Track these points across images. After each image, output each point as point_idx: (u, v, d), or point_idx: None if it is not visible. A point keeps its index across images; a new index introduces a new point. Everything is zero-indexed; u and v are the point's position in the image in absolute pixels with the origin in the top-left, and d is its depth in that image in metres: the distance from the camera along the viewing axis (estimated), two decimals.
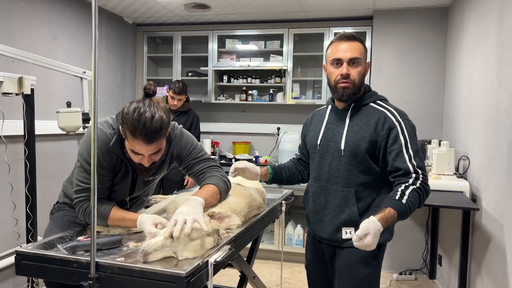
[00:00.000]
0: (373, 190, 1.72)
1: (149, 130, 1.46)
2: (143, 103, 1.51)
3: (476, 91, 2.74)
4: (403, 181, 1.62)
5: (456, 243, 2.94)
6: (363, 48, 1.73)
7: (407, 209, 1.55)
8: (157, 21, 4.52)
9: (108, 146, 1.60)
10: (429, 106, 3.79)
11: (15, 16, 3.00)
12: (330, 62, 1.73)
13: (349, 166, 1.71)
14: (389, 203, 1.56)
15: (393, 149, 1.64)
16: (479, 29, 2.75)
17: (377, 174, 1.71)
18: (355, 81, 1.70)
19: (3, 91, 2.39)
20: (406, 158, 1.62)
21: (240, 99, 4.48)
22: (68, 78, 3.36)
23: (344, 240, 1.73)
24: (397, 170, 1.63)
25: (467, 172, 2.89)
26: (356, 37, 1.72)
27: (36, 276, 2.44)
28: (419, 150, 1.67)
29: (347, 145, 1.70)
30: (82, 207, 1.63)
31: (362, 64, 1.71)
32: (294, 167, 2.02)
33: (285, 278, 3.63)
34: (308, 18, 4.21)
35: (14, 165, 2.79)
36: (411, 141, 1.65)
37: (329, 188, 1.76)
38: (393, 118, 1.67)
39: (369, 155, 1.68)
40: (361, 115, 1.72)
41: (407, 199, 1.56)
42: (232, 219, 1.52)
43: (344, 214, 1.72)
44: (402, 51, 3.86)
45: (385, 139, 1.66)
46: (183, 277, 1.20)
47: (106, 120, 1.68)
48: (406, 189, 1.58)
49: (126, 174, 1.70)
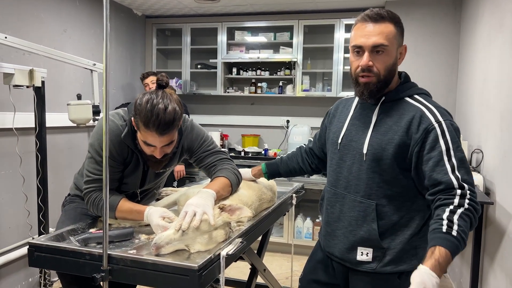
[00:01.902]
0: (400, 206, 1.40)
1: (162, 122, 1.46)
2: (156, 94, 1.50)
3: (491, 83, 2.69)
4: (446, 201, 1.26)
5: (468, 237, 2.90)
6: (395, 30, 1.35)
7: (460, 243, 1.21)
8: (166, 13, 4.50)
9: (119, 137, 1.60)
10: (442, 99, 3.73)
11: (26, 9, 3.00)
12: (351, 49, 1.40)
13: (371, 174, 1.40)
14: (437, 239, 1.21)
15: (430, 157, 1.30)
16: (495, 19, 2.68)
17: (407, 187, 1.39)
18: (379, 74, 1.36)
19: (14, 84, 2.40)
20: (448, 169, 1.28)
21: (250, 92, 4.46)
22: (78, 71, 3.36)
23: (358, 262, 1.44)
24: (436, 184, 1.29)
25: (480, 166, 2.84)
26: (384, 16, 1.35)
27: (48, 268, 2.47)
28: (465, 160, 1.32)
29: (370, 147, 1.39)
30: (91, 198, 1.63)
31: (390, 52, 1.35)
32: (296, 159, 1.80)
33: (294, 271, 3.63)
34: (319, 9, 4.16)
35: (26, 157, 2.81)
36: (455, 147, 1.30)
37: (346, 197, 1.46)
38: (432, 118, 1.32)
39: (397, 163, 1.37)
40: (392, 112, 1.39)
41: (458, 229, 1.21)
42: (243, 211, 1.51)
43: (361, 230, 1.42)
44: (415, 42, 3.80)
45: (420, 143, 1.32)
46: (195, 270, 1.20)
47: (117, 111, 1.67)
48: (453, 215, 1.23)
49: (137, 166, 1.69)
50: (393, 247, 1.40)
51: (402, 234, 1.39)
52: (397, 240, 1.40)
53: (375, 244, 1.41)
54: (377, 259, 1.42)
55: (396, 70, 1.43)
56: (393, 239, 1.40)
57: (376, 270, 1.42)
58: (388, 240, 1.40)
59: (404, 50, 1.43)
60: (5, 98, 2.62)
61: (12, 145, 2.75)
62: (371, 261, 1.43)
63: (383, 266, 1.41)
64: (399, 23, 1.39)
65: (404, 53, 1.44)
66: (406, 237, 1.40)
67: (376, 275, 1.42)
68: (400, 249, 1.40)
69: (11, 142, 2.75)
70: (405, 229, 1.39)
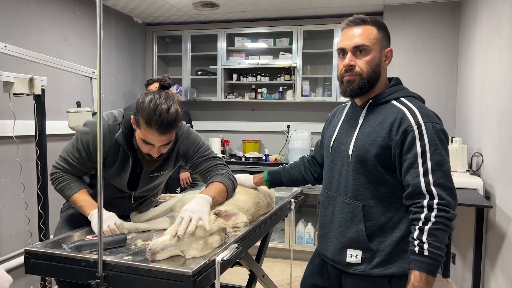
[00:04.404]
0: (388, 208, 1.40)
1: (165, 121, 1.49)
2: (159, 94, 1.53)
3: (490, 86, 2.69)
4: (416, 216, 1.29)
5: (469, 241, 2.88)
6: (376, 33, 1.41)
7: (434, 260, 1.25)
8: (166, 21, 4.53)
9: (105, 135, 1.62)
10: (441, 102, 3.73)
11: (27, 18, 3.04)
12: (337, 52, 1.47)
13: (357, 175, 1.42)
14: (412, 262, 1.27)
15: (406, 159, 1.32)
16: (493, 23, 2.69)
17: (394, 187, 1.39)
18: (362, 73, 1.40)
19: (14, 92, 2.42)
20: (419, 172, 1.29)
21: (250, 97, 4.47)
22: (78, 78, 3.38)
23: (348, 264, 1.45)
24: (407, 186, 1.33)
25: (480, 169, 2.83)
26: (366, 20, 1.42)
27: (44, 275, 2.47)
28: (444, 163, 1.30)
29: (355, 149, 1.42)
30: (57, 175, 1.70)
31: (372, 52, 1.40)
32: (298, 169, 1.82)
33: (295, 277, 3.61)
34: (317, 15, 4.17)
35: (26, 165, 2.83)
36: (432, 149, 1.29)
37: (337, 199, 1.49)
38: (412, 120, 1.33)
39: (381, 164, 1.38)
40: (377, 115, 1.42)
41: (429, 248, 1.24)
42: (239, 217, 1.51)
43: (350, 231, 1.44)
44: (414, 46, 3.80)
45: (400, 145, 1.34)
46: (189, 276, 1.19)
47: (111, 111, 1.71)
48: (422, 234, 1.26)
49: (124, 167, 1.70)
50: (382, 249, 1.41)
51: (391, 236, 1.40)
52: (386, 242, 1.40)
53: (364, 246, 1.42)
54: (366, 261, 1.42)
55: (382, 72, 1.45)
56: (382, 241, 1.41)
57: (365, 272, 1.42)
58: (376, 242, 1.41)
59: (390, 53, 1.46)
60: (5, 106, 2.64)
61: (12, 153, 2.76)
62: (360, 263, 1.43)
63: (372, 268, 1.41)
64: (383, 28, 1.45)
65: (390, 56, 1.46)
66: (395, 239, 1.40)
67: (365, 277, 1.42)
68: (389, 251, 1.40)
69: (12, 150, 2.76)
70: (394, 231, 1.39)
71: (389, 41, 1.47)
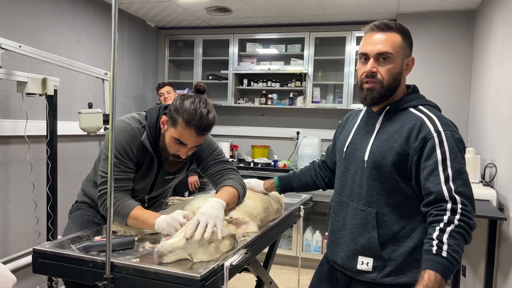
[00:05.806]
0: (402, 216, 1.38)
1: (204, 123, 1.55)
2: (199, 98, 1.59)
3: (505, 96, 2.65)
4: (437, 218, 1.25)
5: (481, 253, 2.83)
6: (401, 41, 1.39)
7: (451, 264, 1.20)
8: (178, 25, 4.55)
9: (136, 139, 1.64)
10: (454, 112, 3.68)
11: (41, 18, 3.07)
12: (359, 57, 1.44)
13: (372, 181, 1.40)
14: (427, 262, 1.22)
15: (426, 166, 1.30)
16: (508, 32, 2.65)
17: (409, 196, 1.38)
18: (383, 81, 1.38)
19: (27, 92, 2.44)
20: (441, 179, 1.27)
21: (260, 103, 4.46)
22: (90, 80, 3.41)
23: (358, 271, 1.43)
24: (428, 194, 1.29)
25: (493, 180, 2.78)
26: (392, 26, 1.39)
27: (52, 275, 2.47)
28: (464, 171, 1.29)
29: (371, 155, 1.40)
30: (106, 200, 1.62)
31: (395, 61, 1.38)
32: (309, 174, 1.81)
33: (302, 285, 3.57)
34: (330, 22, 4.16)
35: (36, 164, 2.84)
36: (452, 157, 1.28)
37: (350, 205, 1.47)
38: (431, 127, 1.32)
39: (397, 171, 1.36)
40: (394, 121, 1.40)
41: (448, 249, 1.20)
42: (249, 226, 1.51)
43: (362, 238, 1.42)
44: (427, 55, 3.77)
45: (418, 152, 1.32)
46: (197, 280, 1.18)
47: (132, 115, 1.71)
48: (443, 234, 1.22)
49: (149, 170, 1.71)
50: (394, 258, 1.38)
51: (404, 246, 1.37)
52: (398, 252, 1.38)
53: (375, 254, 1.39)
54: (378, 269, 1.40)
55: (402, 80, 1.44)
56: (394, 250, 1.38)
57: (376, 281, 1.40)
58: (388, 251, 1.39)
59: (411, 62, 1.46)
60: (18, 106, 2.67)
61: (23, 152, 2.78)
62: (371, 271, 1.41)
63: (383, 277, 1.39)
64: (407, 35, 1.43)
65: (411, 64, 1.46)
66: (407, 249, 1.37)
67: (376, 286, 1.40)
68: (401, 260, 1.37)
69: (23, 150, 2.78)
70: (407, 241, 1.37)
71: (411, 49, 1.46)
